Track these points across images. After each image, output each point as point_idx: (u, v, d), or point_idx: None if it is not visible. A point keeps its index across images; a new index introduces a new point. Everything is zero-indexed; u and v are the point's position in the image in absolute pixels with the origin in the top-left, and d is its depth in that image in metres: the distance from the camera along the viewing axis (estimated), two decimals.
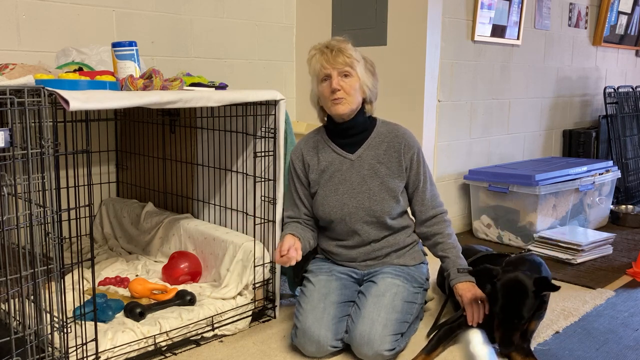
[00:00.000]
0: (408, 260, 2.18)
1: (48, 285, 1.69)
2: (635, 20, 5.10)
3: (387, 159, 2.14)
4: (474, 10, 3.52)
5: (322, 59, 2.06)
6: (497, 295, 1.93)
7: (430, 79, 3.20)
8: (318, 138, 2.23)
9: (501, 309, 1.92)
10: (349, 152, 2.16)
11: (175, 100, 1.90)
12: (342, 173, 2.15)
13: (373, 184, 2.12)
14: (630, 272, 2.93)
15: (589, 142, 4.51)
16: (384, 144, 2.16)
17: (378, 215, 2.11)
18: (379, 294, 2.04)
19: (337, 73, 2.05)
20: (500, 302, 1.92)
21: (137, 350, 1.93)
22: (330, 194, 2.15)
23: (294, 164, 2.24)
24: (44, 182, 1.64)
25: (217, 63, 3.36)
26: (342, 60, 2.04)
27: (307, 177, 2.21)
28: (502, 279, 1.95)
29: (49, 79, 1.81)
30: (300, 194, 2.23)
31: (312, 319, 1.99)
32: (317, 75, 2.09)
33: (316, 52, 2.09)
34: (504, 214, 3.47)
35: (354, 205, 2.12)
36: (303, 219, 2.24)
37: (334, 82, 2.04)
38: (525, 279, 1.92)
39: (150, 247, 2.74)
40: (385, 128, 2.19)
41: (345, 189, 2.14)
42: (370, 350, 1.92)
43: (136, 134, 3.02)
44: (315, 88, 2.14)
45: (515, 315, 1.89)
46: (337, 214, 2.14)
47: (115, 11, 2.94)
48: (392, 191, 2.12)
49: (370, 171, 2.14)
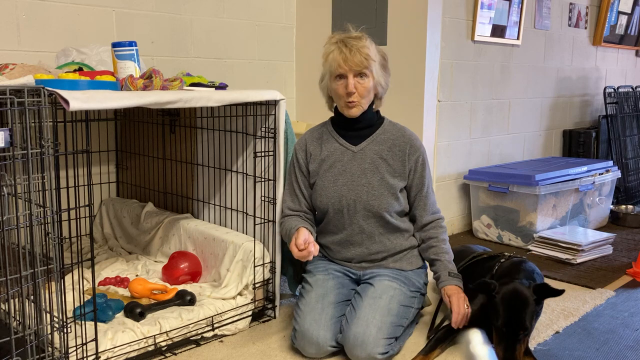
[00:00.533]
0: (405, 264, 2.16)
1: (48, 285, 1.69)
2: (635, 20, 5.10)
3: (391, 156, 2.13)
4: (474, 10, 3.52)
5: (340, 57, 2.01)
6: (498, 310, 1.89)
7: (430, 79, 3.20)
8: (324, 129, 2.22)
9: (505, 324, 1.87)
10: (352, 144, 2.15)
11: (175, 100, 1.90)
12: (342, 164, 2.14)
13: (373, 179, 2.11)
14: (630, 272, 2.93)
15: (589, 142, 4.51)
16: (389, 141, 2.15)
17: (376, 210, 2.10)
18: (376, 296, 2.03)
19: (353, 74, 2.02)
20: (503, 316, 1.87)
21: (137, 350, 1.93)
22: (329, 184, 2.14)
23: (297, 154, 2.22)
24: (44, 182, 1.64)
25: (217, 63, 3.36)
26: (359, 60, 2.00)
27: (308, 168, 2.20)
28: (501, 292, 1.91)
29: (49, 79, 1.81)
30: (301, 184, 2.21)
31: (310, 320, 1.99)
32: (332, 72, 2.06)
33: (334, 48, 2.04)
34: (504, 214, 3.47)
35: (352, 198, 2.11)
36: (303, 213, 2.22)
37: (350, 85, 2.01)
38: (524, 289, 1.89)
39: (150, 247, 2.74)
40: (393, 127, 2.19)
41: (344, 181, 2.12)
42: (363, 352, 1.91)
43: (136, 134, 3.02)
44: (327, 81, 2.11)
45: (520, 327, 1.85)
46: (335, 205, 2.12)
47: (115, 11, 2.94)
48: (392, 188, 2.11)
49: (371, 165, 2.12)
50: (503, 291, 1.91)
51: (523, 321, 1.85)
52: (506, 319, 1.87)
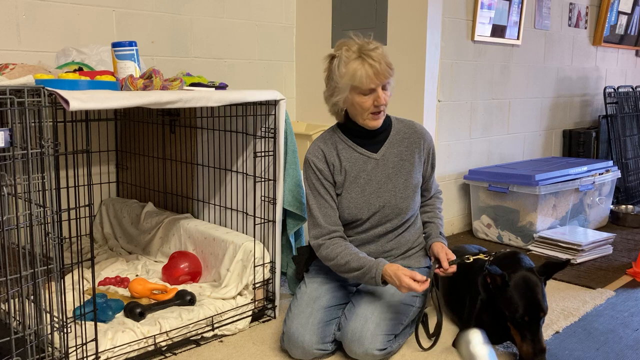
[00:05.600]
0: (413, 262, 2.16)
1: (48, 285, 1.69)
2: (635, 20, 5.10)
3: (409, 154, 2.14)
4: (474, 10, 3.52)
5: (371, 71, 1.93)
6: (513, 301, 1.89)
7: (430, 78, 3.20)
8: (335, 138, 2.13)
9: (525, 312, 1.87)
10: (372, 152, 2.13)
11: (175, 100, 1.90)
12: (367, 173, 2.11)
13: (398, 182, 2.12)
14: (630, 272, 2.93)
15: (589, 142, 4.51)
16: (404, 140, 2.15)
17: (402, 212, 2.12)
18: (376, 293, 2.04)
19: (382, 87, 1.99)
20: (521, 305, 1.88)
21: (137, 350, 1.94)
22: (357, 195, 2.09)
23: (316, 166, 2.09)
24: (44, 182, 1.64)
25: (217, 63, 3.36)
26: (388, 74, 1.97)
27: (334, 178, 2.11)
28: (513, 281, 1.92)
29: (49, 79, 1.81)
30: (331, 196, 2.10)
31: (297, 324, 1.98)
32: (358, 86, 1.96)
33: (357, 63, 1.94)
34: (504, 214, 3.47)
35: (380, 204, 2.10)
36: (340, 228, 2.09)
37: (381, 98, 1.97)
38: (531, 274, 1.93)
39: (150, 247, 2.74)
40: (402, 124, 2.19)
41: (372, 189, 2.10)
42: (360, 347, 1.91)
43: (136, 134, 3.02)
44: (347, 94, 2.00)
45: (540, 309, 1.87)
46: (365, 214, 2.10)
47: (115, 11, 2.94)
48: (415, 187, 2.15)
49: (394, 169, 2.12)
50: (514, 280, 1.92)
51: (540, 303, 1.88)
52: (526, 307, 1.88)
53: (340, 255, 2.00)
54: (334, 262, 2.01)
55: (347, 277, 2.03)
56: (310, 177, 2.10)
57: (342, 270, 2.02)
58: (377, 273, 1.93)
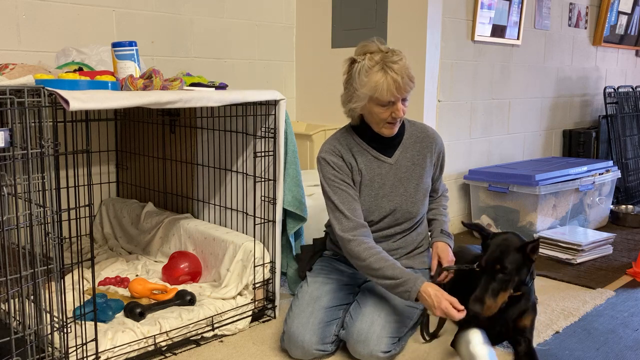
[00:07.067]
0: (416, 263, 2.17)
1: (48, 285, 1.69)
2: (635, 20, 5.10)
3: (421, 158, 2.15)
4: (474, 10, 3.52)
5: (392, 85, 1.90)
6: (485, 250, 1.96)
7: (430, 79, 3.20)
8: (350, 140, 2.10)
9: (486, 260, 1.90)
10: (387, 156, 2.12)
11: (175, 100, 1.90)
12: (381, 177, 2.11)
13: (409, 186, 2.12)
14: (630, 272, 2.93)
15: (589, 142, 4.51)
16: (416, 145, 2.16)
17: (413, 216, 2.13)
18: (382, 294, 2.04)
19: (402, 99, 1.98)
20: (487, 254, 1.92)
21: (137, 350, 1.93)
22: (370, 198, 2.09)
23: (335, 162, 2.05)
24: (44, 182, 1.64)
25: (217, 63, 3.36)
26: (409, 87, 1.96)
27: (352, 176, 2.08)
28: (495, 237, 1.97)
29: (49, 79, 1.81)
30: (355, 190, 2.07)
31: (297, 324, 1.98)
32: (378, 98, 1.93)
33: (380, 74, 1.91)
34: (504, 214, 3.47)
35: (392, 208, 2.10)
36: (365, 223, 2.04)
37: (400, 111, 1.97)
38: (515, 238, 1.94)
39: (150, 247, 2.74)
40: (414, 128, 2.19)
41: (384, 193, 2.10)
42: (365, 349, 1.91)
43: (136, 134, 3.02)
44: (366, 103, 1.97)
45: (498, 262, 1.87)
46: (376, 217, 2.10)
47: (115, 11, 2.94)
48: (426, 191, 2.16)
49: (407, 173, 2.13)
50: (497, 237, 1.97)
51: (502, 259, 1.88)
52: (488, 256, 1.91)
53: (374, 258, 1.92)
54: (365, 263, 1.93)
55: (375, 282, 1.97)
56: (327, 174, 2.05)
57: (371, 275, 1.94)
58: (414, 289, 1.85)
